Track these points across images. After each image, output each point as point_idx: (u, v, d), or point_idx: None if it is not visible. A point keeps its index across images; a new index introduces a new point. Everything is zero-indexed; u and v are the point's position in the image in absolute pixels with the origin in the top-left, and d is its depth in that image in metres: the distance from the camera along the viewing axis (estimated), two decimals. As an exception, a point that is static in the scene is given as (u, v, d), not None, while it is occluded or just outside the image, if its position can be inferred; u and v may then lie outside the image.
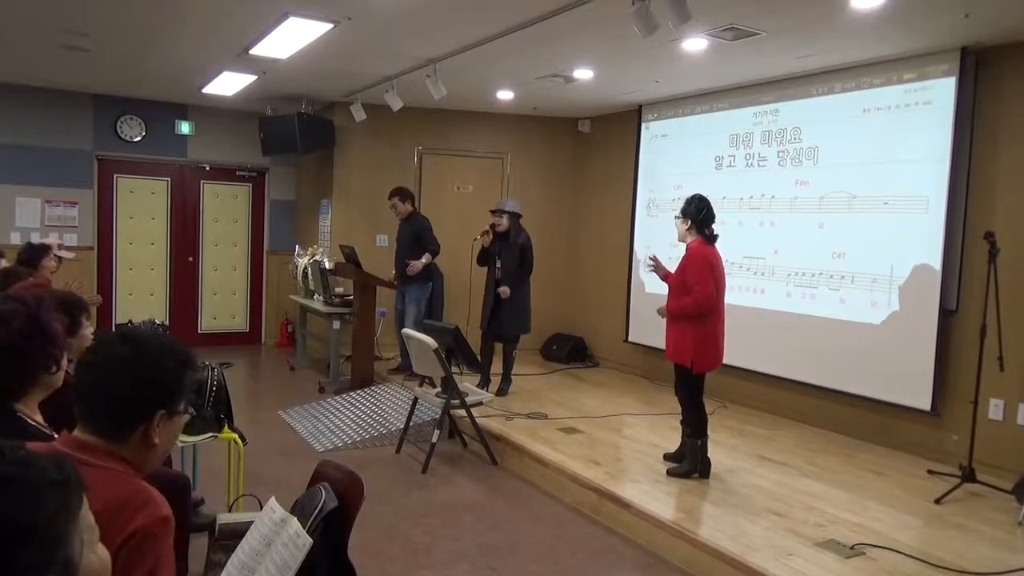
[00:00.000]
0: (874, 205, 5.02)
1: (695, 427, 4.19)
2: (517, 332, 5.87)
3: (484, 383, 5.86)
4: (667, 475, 4.17)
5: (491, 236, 5.77)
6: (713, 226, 4.15)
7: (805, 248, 5.45)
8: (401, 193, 6.49)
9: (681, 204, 4.16)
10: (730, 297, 5.87)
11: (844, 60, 5.04)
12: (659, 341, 5.07)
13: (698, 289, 3.98)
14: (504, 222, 5.80)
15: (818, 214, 5.37)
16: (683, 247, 4.19)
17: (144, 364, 1.41)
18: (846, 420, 5.22)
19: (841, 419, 5.26)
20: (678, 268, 4.14)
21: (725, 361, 5.83)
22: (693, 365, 4.07)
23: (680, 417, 4.28)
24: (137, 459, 1.43)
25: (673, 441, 4.87)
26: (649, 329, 6.62)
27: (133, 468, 1.42)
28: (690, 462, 4.20)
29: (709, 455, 4.26)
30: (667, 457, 4.44)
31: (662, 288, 4.64)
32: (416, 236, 6.42)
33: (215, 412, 3.33)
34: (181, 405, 1.47)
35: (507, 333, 5.84)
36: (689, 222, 4.11)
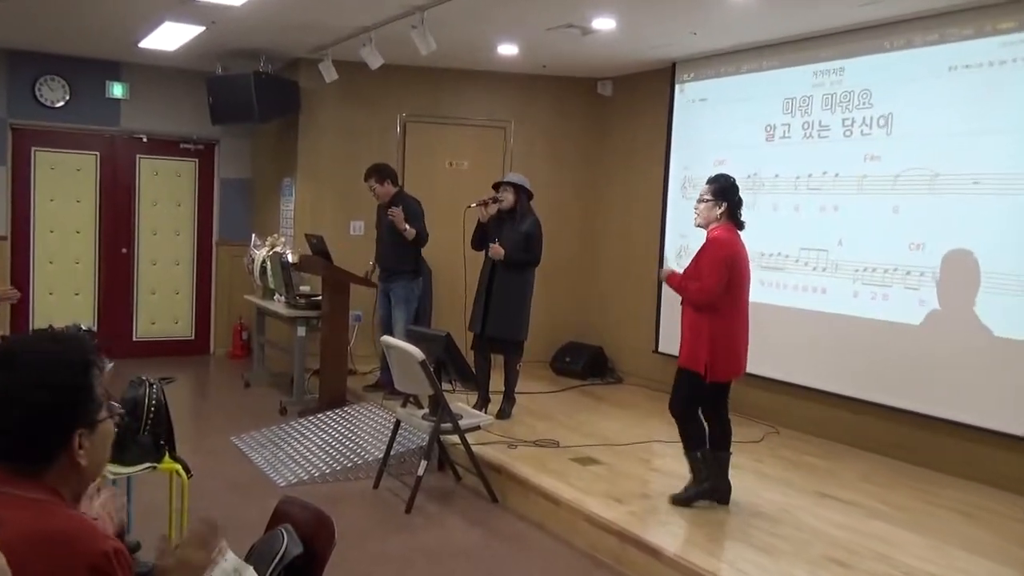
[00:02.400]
0: (961, 185, 5.01)
1: (692, 439, 4.24)
2: (509, 336, 5.84)
3: (482, 403, 5.87)
4: (670, 503, 4.26)
5: (492, 209, 5.74)
6: (741, 210, 4.23)
7: (876, 238, 5.45)
8: (378, 173, 6.49)
9: (704, 186, 4.25)
10: (782, 298, 5.97)
11: (924, 6, 5.03)
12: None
13: (707, 279, 4.08)
14: (509, 196, 5.78)
15: (892, 196, 5.37)
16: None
17: (36, 388, 1.42)
18: (925, 448, 5.23)
19: (919, 447, 5.27)
20: (696, 254, 4.24)
21: (776, 376, 5.97)
22: (706, 371, 4.13)
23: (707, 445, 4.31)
24: (67, 486, 1.45)
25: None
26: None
27: (63, 497, 1.44)
28: (696, 483, 4.25)
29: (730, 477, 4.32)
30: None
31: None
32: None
33: (153, 438, 3.34)
34: (100, 412, 1.49)
35: (497, 334, 5.80)
36: (725, 205, 4.17)
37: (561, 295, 7.90)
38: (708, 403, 4.28)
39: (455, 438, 4.85)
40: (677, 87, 6.98)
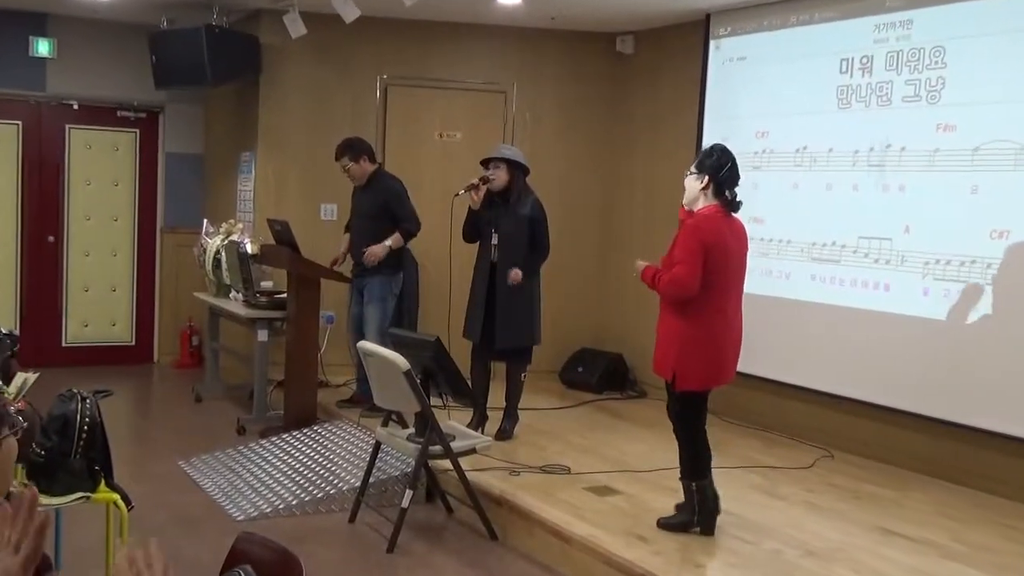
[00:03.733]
0: (1053, 161, 5.01)
1: (690, 465, 4.37)
2: (523, 343, 5.88)
3: (479, 421, 5.87)
4: (657, 526, 4.43)
5: (482, 192, 5.75)
6: (736, 189, 4.28)
7: (950, 224, 5.43)
8: (351, 149, 6.49)
9: (702, 158, 4.32)
10: (837, 296, 5.96)
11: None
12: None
13: (679, 268, 4.17)
14: (502, 175, 5.78)
15: (970, 173, 5.35)
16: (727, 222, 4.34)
17: None
18: (1014, 478, 5.18)
19: (1006, 476, 5.22)
20: (673, 240, 4.34)
21: (828, 390, 5.97)
22: (675, 379, 4.25)
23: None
24: None
25: (752, 505, 4.89)
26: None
27: None
28: (685, 511, 4.39)
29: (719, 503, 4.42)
30: (679, 507, 4.59)
31: (748, 287, 4.66)
32: (383, 207, 6.42)
33: (87, 463, 3.33)
34: (2, 429, 1.47)
35: (509, 345, 5.84)
36: (706, 179, 4.23)
37: (572, 293, 7.88)
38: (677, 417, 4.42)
39: (446, 463, 4.83)
40: (712, 44, 6.95)
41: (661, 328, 4.35)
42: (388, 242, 6.31)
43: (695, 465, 4.35)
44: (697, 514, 4.35)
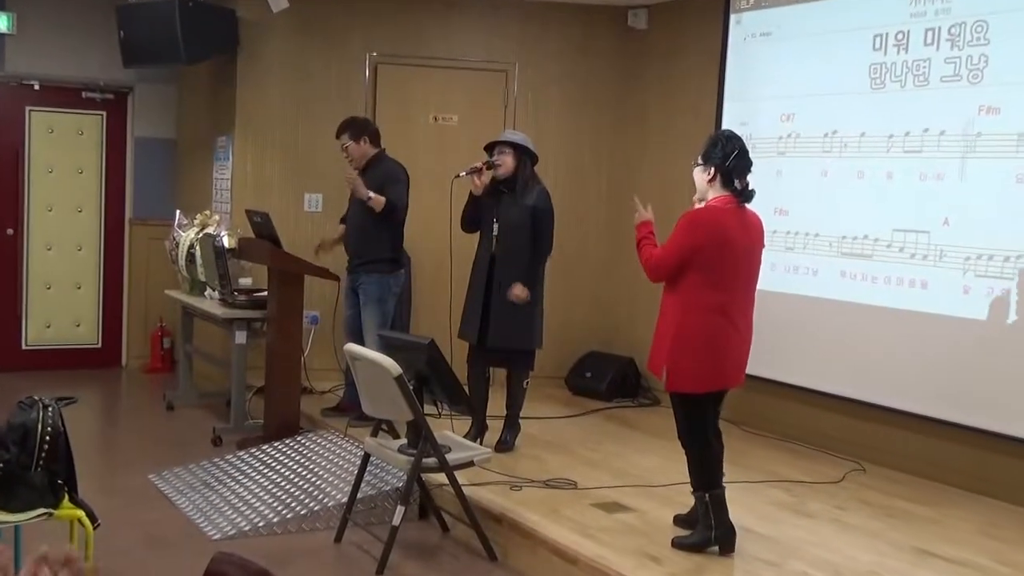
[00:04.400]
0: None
1: (699, 474, 4.38)
2: (520, 345, 5.88)
3: (478, 431, 5.88)
4: (672, 547, 4.42)
5: (486, 177, 5.78)
6: (749, 178, 4.33)
7: (994, 216, 5.41)
8: (352, 127, 6.50)
9: (707, 147, 4.37)
10: (869, 294, 5.93)
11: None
12: (757, 364, 5.06)
13: (658, 252, 4.35)
14: (508, 160, 5.80)
15: (1016, 160, 5.34)
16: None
17: None
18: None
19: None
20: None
21: (860, 397, 5.97)
22: (666, 377, 4.33)
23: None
24: None
25: (776, 522, 4.88)
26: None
27: None
28: (703, 528, 4.38)
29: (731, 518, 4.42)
30: (679, 520, 4.69)
31: (770, 284, 4.71)
32: (379, 192, 6.35)
33: (49, 476, 3.34)
34: None
35: (502, 346, 5.83)
36: (712, 170, 4.30)
37: (578, 291, 7.87)
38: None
39: (441, 477, 4.82)
40: (732, 18, 6.95)
41: (659, 323, 4.46)
42: (370, 194, 6.22)
43: (703, 473, 4.37)
44: (714, 529, 4.35)
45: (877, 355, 5.92)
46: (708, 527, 4.36)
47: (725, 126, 6.92)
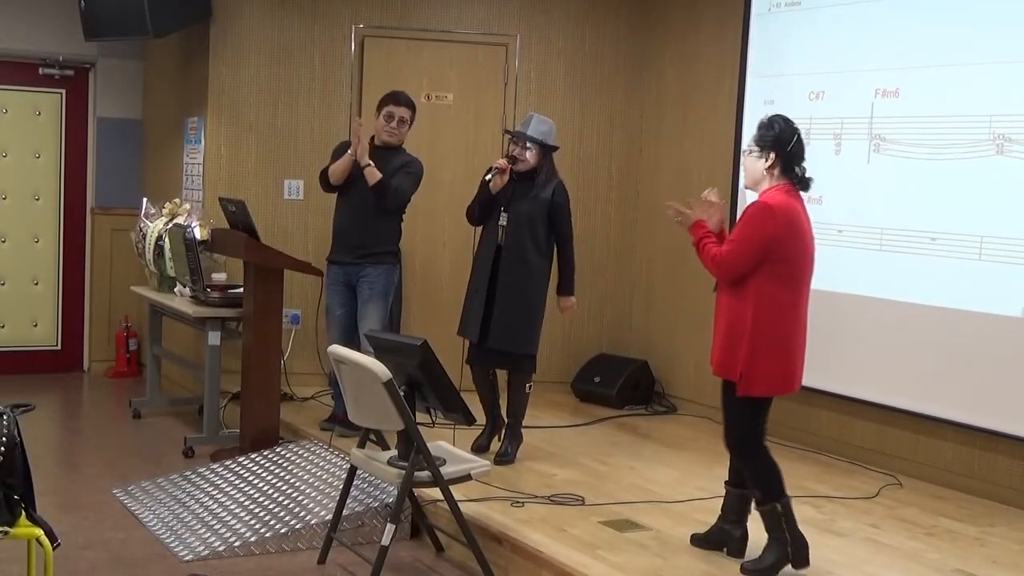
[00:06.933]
0: None
1: (764, 485, 4.38)
2: (526, 348, 5.99)
3: (490, 432, 6.05)
4: (743, 572, 4.41)
5: (507, 176, 5.89)
6: (804, 164, 4.43)
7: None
8: (414, 108, 6.59)
9: (762, 131, 4.40)
10: (913, 292, 5.93)
11: None
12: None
13: (727, 249, 4.36)
14: (530, 158, 5.90)
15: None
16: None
17: None
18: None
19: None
20: (738, 220, 4.55)
21: (897, 404, 6.06)
22: (740, 381, 4.34)
23: (727, 478, 4.60)
24: None
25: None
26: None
27: None
28: (777, 545, 4.33)
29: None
30: (697, 540, 4.69)
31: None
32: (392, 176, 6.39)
33: (5, 491, 3.41)
34: None
35: (499, 346, 5.92)
36: (772, 156, 4.35)
37: (586, 288, 7.70)
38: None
39: (435, 492, 4.80)
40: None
41: (723, 320, 4.45)
42: (369, 161, 6.24)
43: (770, 481, 4.37)
44: (790, 544, 4.33)
45: (921, 359, 5.94)
46: (783, 542, 4.34)
47: (748, 107, 7.07)
